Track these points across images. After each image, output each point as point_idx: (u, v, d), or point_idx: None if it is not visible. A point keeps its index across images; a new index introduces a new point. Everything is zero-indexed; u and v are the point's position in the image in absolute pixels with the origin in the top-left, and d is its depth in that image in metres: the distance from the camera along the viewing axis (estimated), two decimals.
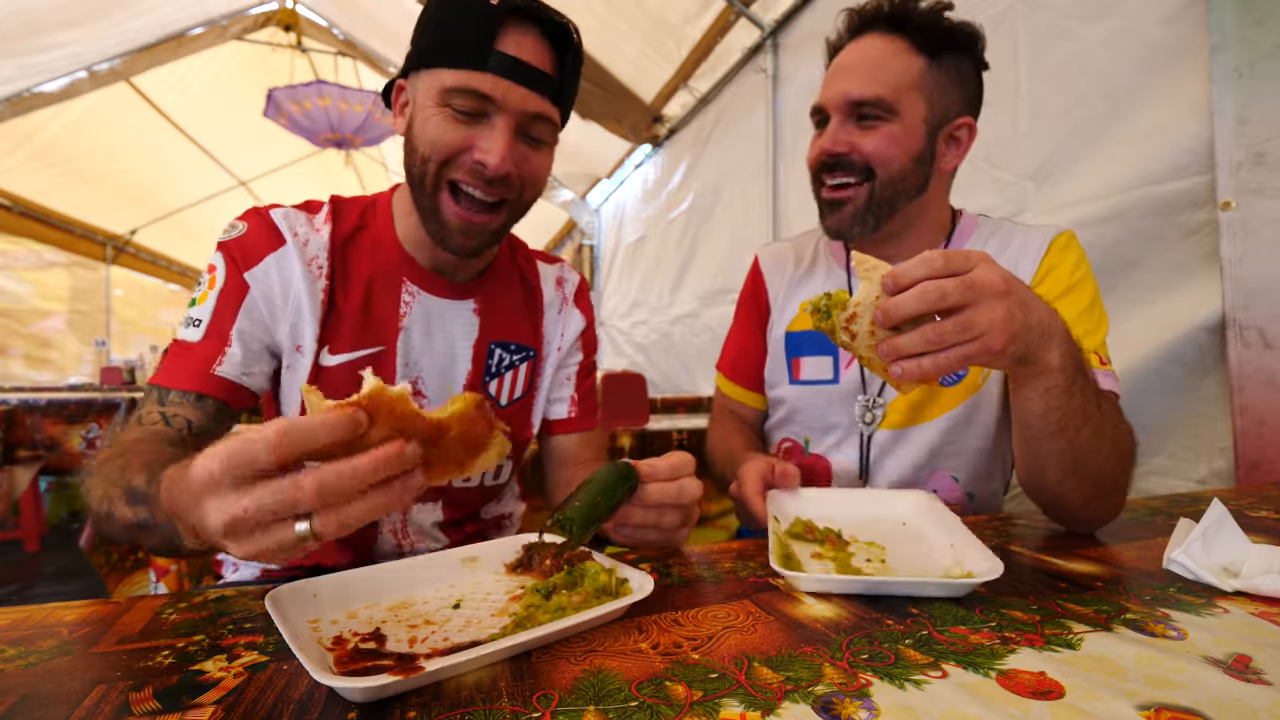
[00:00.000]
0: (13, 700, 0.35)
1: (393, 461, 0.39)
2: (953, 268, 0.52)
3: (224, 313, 0.74)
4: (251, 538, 0.39)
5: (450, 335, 0.85)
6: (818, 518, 0.65)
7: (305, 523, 0.38)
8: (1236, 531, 0.54)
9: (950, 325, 0.52)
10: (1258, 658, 0.39)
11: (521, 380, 0.90)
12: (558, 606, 0.46)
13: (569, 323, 0.95)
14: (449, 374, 0.85)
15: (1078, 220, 1.40)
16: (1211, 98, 1.14)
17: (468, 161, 0.71)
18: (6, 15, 3.43)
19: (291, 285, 0.76)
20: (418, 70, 0.73)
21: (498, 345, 0.88)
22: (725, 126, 3.27)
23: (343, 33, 4.62)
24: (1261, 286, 1.09)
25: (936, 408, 0.90)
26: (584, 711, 0.33)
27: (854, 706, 0.34)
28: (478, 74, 0.69)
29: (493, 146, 0.70)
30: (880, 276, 0.54)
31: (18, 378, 5.90)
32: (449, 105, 0.70)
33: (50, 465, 2.65)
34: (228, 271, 0.75)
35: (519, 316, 0.91)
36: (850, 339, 0.58)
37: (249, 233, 0.76)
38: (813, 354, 0.98)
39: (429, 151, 0.71)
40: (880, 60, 0.84)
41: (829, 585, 0.51)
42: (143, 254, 7.51)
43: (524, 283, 0.93)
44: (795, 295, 1.03)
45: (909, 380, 0.54)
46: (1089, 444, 0.62)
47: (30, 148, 4.96)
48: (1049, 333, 0.57)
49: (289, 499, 0.37)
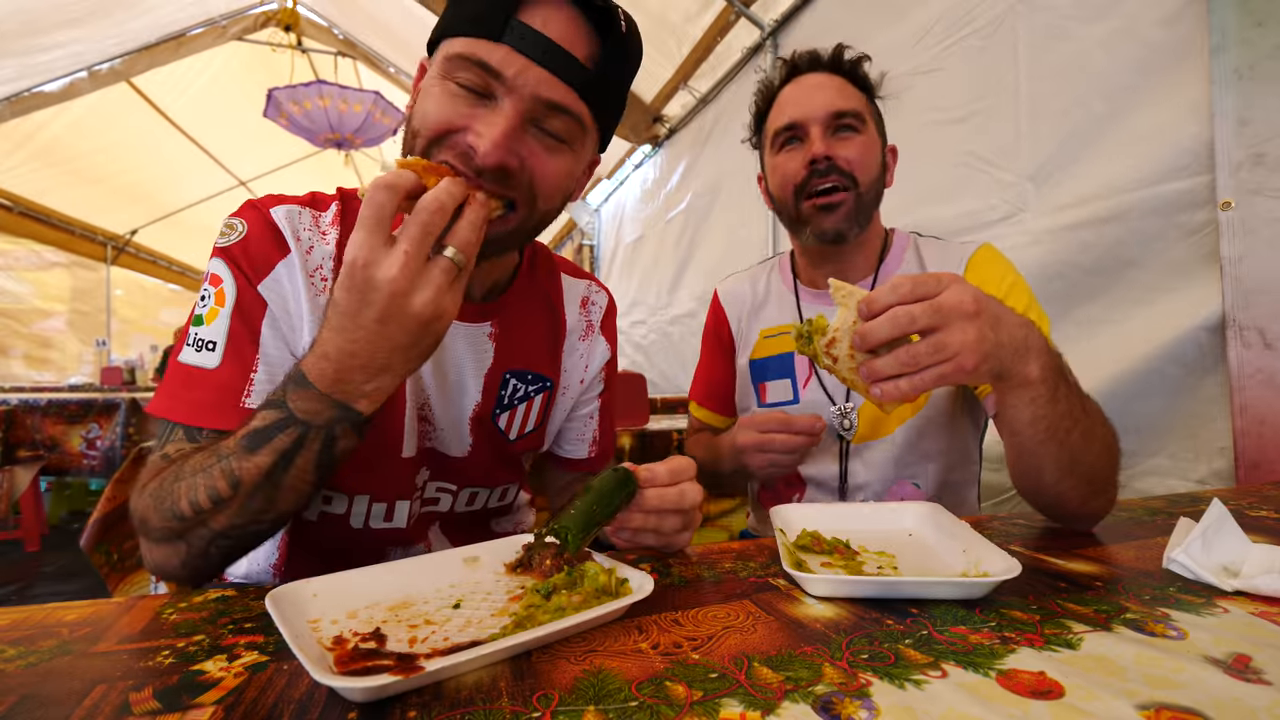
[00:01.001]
0: (13, 700, 0.35)
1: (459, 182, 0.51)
2: (920, 293, 0.55)
3: (241, 334, 0.63)
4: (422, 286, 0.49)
5: (460, 362, 0.75)
6: (823, 530, 0.65)
7: (449, 249, 0.50)
8: (1236, 531, 0.54)
9: (923, 348, 0.55)
10: (1258, 657, 0.39)
11: (535, 414, 0.82)
12: (558, 606, 0.46)
13: (593, 353, 0.86)
14: (460, 403, 0.76)
15: (1077, 220, 1.40)
16: (1212, 99, 1.14)
17: (460, 144, 0.58)
18: (6, 15, 3.43)
19: (299, 299, 0.66)
20: (438, 43, 0.62)
21: (513, 375, 0.78)
22: (725, 127, 3.27)
23: (343, 33, 4.62)
24: (1261, 286, 1.09)
25: (892, 421, 0.95)
26: (584, 711, 0.33)
27: (854, 706, 0.34)
28: (489, 44, 0.57)
29: (488, 130, 0.57)
30: (856, 303, 0.57)
31: (18, 378, 5.90)
32: (452, 78, 0.58)
33: (50, 465, 2.66)
34: (238, 285, 0.64)
35: (538, 343, 0.81)
36: (833, 363, 0.60)
37: (252, 236, 0.65)
38: (775, 378, 1.04)
39: (418, 126, 0.60)
40: (838, 87, 0.95)
41: (846, 588, 0.50)
42: (143, 254, 7.51)
43: (547, 303, 0.83)
44: (754, 325, 1.10)
45: (890, 401, 0.57)
46: (1080, 445, 0.63)
47: (31, 148, 4.97)
48: (1024, 346, 0.58)
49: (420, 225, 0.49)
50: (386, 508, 0.74)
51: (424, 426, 0.74)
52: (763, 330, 1.07)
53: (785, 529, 0.66)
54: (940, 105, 1.80)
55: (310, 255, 0.67)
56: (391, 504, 0.74)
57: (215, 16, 4.21)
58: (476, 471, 0.80)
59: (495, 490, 0.84)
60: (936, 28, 1.81)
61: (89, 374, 6.48)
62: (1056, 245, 1.43)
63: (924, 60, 1.85)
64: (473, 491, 0.82)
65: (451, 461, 0.77)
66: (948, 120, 1.77)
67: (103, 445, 2.68)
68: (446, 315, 0.51)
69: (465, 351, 0.75)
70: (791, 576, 0.52)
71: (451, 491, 0.80)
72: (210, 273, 0.64)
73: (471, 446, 0.77)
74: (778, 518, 0.68)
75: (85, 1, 3.51)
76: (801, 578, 0.51)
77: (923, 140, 1.81)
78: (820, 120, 0.93)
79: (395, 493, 0.74)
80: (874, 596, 0.49)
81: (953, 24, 1.76)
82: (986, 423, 1.01)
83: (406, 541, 0.78)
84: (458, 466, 0.78)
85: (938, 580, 0.51)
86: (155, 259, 7.81)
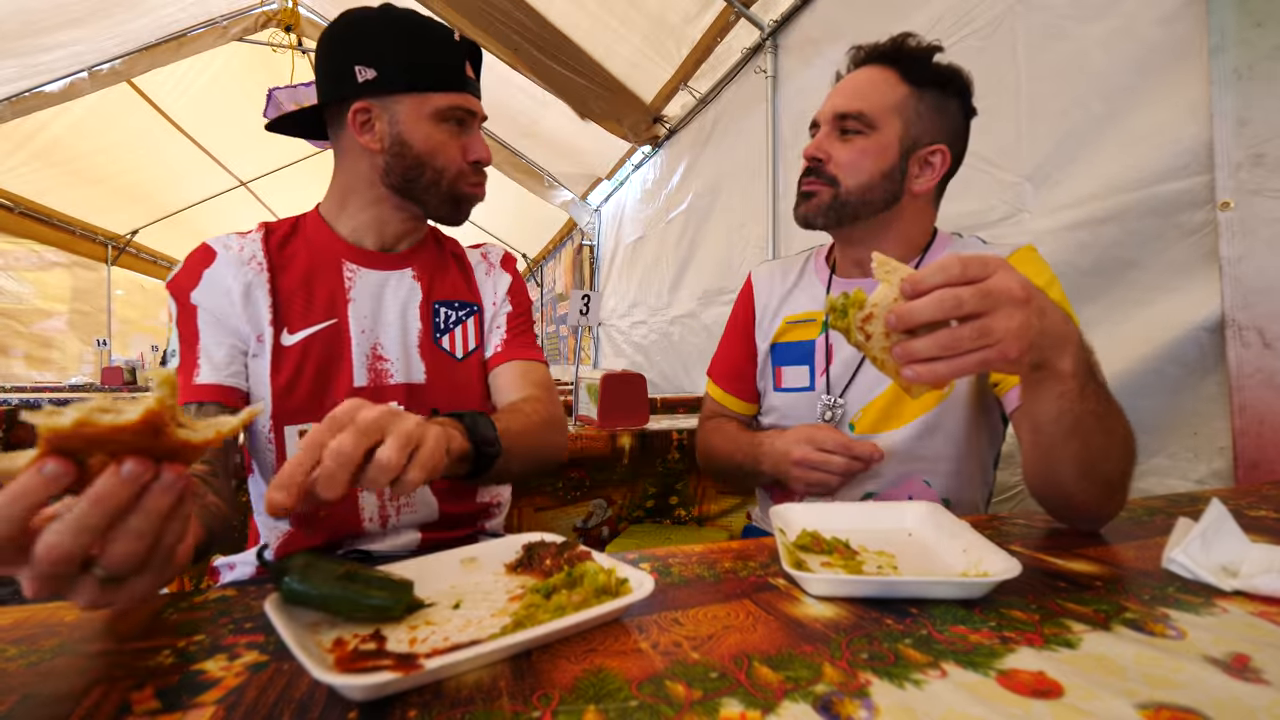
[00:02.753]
0: (14, 699, 0.35)
1: (113, 494, 0.36)
2: (969, 275, 0.52)
3: (186, 335, 0.84)
4: (70, 597, 0.39)
5: (399, 300, 0.94)
6: (823, 530, 0.65)
7: (97, 568, 0.38)
8: (1236, 531, 0.54)
9: (967, 331, 0.52)
10: (1257, 657, 0.39)
11: (472, 334, 1.00)
12: (558, 606, 0.46)
13: (499, 281, 1.05)
14: (406, 336, 0.94)
15: (1076, 221, 1.40)
16: (1211, 99, 1.14)
17: (468, 167, 0.92)
18: (6, 15, 3.43)
19: (234, 287, 0.85)
20: (390, 94, 0.86)
21: (442, 304, 0.98)
22: (725, 127, 3.27)
23: None
24: (1261, 286, 1.09)
25: (905, 415, 0.93)
26: (584, 711, 0.34)
27: (854, 706, 0.34)
28: (460, 95, 0.89)
29: (481, 146, 0.93)
30: (899, 280, 0.53)
31: (19, 378, 5.91)
32: (445, 121, 0.88)
33: None
34: (177, 302, 0.85)
35: (454, 279, 1.02)
36: (865, 339, 0.57)
37: (184, 266, 0.87)
38: (793, 364, 1.05)
39: (445, 162, 0.90)
40: (869, 84, 0.96)
41: (845, 588, 0.50)
42: (143, 254, 7.51)
43: (452, 255, 1.05)
44: (781, 309, 1.10)
45: (921, 384, 0.54)
46: (1102, 445, 0.62)
47: (31, 148, 4.97)
48: (1064, 339, 0.57)
49: (39, 575, 0.36)
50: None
51: (380, 364, 0.91)
52: (787, 316, 1.08)
53: (785, 529, 0.66)
54: None
55: (242, 252, 0.87)
56: None
57: (216, 17, 4.20)
58: (440, 395, 0.94)
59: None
60: (936, 28, 1.81)
61: (89, 374, 6.48)
62: (1055, 245, 1.43)
63: None
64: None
65: (417, 390, 0.93)
66: None
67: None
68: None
69: (399, 292, 0.94)
70: (791, 576, 0.52)
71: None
72: (166, 307, 0.89)
73: (427, 371, 0.94)
74: (778, 518, 0.68)
75: (85, 1, 3.51)
76: (801, 577, 0.51)
77: None
78: (828, 120, 0.97)
79: None
80: (874, 596, 0.49)
81: (952, 24, 1.77)
82: (1003, 436, 1.01)
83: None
84: (423, 395, 0.93)
85: (938, 580, 0.51)
86: (156, 259, 7.81)
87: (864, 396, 0.96)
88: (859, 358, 0.97)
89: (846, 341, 0.60)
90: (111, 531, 0.37)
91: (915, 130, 0.94)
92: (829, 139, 0.96)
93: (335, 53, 0.88)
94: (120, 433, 0.36)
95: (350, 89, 0.86)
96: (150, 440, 0.38)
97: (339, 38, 0.88)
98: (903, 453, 0.93)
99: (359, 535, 0.90)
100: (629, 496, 1.73)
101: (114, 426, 0.36)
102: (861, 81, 0.97)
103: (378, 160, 0.89)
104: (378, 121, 0.87)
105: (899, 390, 0.92)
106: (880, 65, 0.97)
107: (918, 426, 0.93)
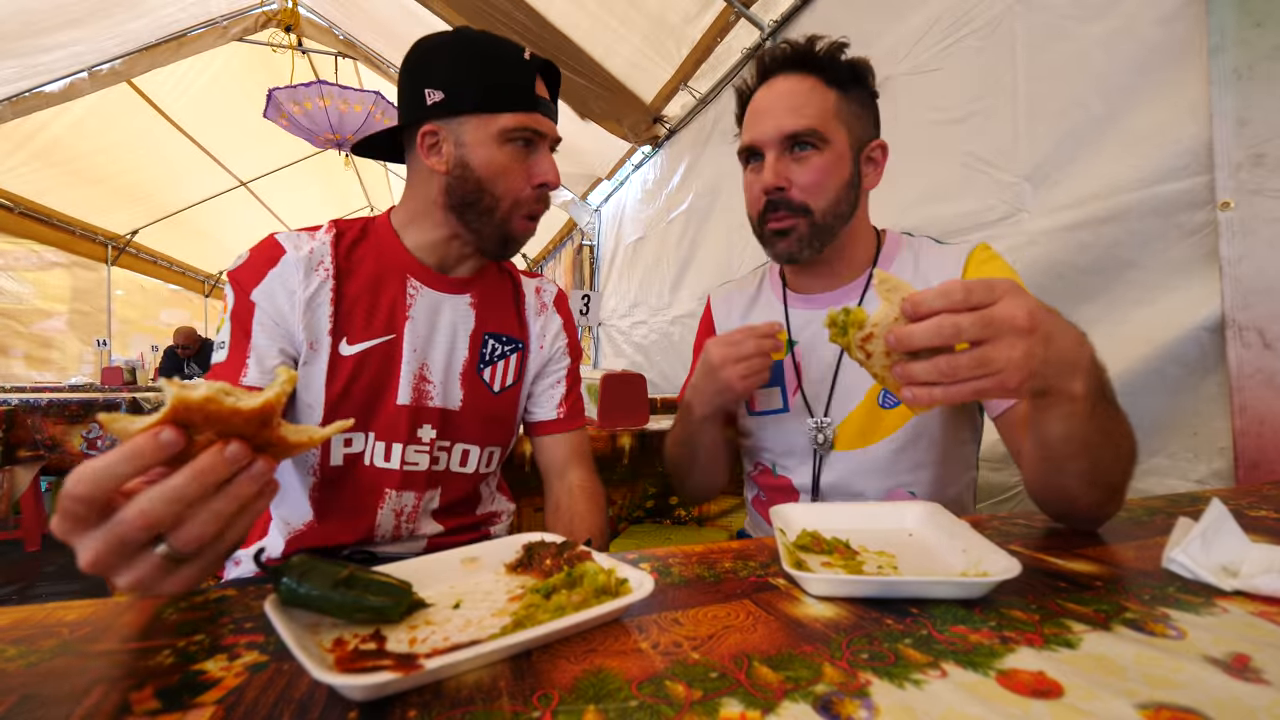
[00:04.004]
0: (13, 700, 0.35)
1: (214, 469, 0.39)
2: (973, 300, 0.51)
3: (238, 332, 0.83)
4: (123, 572, 0.40)
5: (452, 325, 0.95)
6: (823, 530, 0.65)
7: (163, 544, 0.40)
8: (1236, 531, 0.54)
9: (965, 360, 0.51)
10: (1257, 657, 0.39)
11: (512, 370, 1.01)
12: (558, 606, 0.46)
13: (549, 323, 1.06)
14: (451, 361, 0.95)
15: (1076, 221, 1.40)
16: (1211, 99, 1.14)
17: (533, 190, 0.90)
18: (6, 15, 3.43)
19: (298, 292, 0.84)
20: (456, 116, 0.86)
21: (491, 336, 0.98)
22: (725, 127, 3.27)
23: (343, 33, 4.62)
24: (1261, 286, 1.09)
25: (880, 431, 0.93)
26: (584, 710, 0.33)
27: (854, 706, 0.34)
28: (528, 115, 0.87)
29: (549, 169, 0.90)
30: (900, 299, 0.52)
31: (19, 378, 5.90)
32: (511, 142, 0.86)
33: (51, 465, 2.65)
34: (235, 296, 0.84)
35: (507, 311, 1.02)
36: (865, 357, 0.57)
37: (249, 258, 0.86)
38: (764, 386, 1.01)
39: (504, 189, 0.88)
40: (801, 96, 0.91)
41: (846, 588, 0.50)
42: (143, 254, 7.52)
43: (511, 281, 1.06)
44: None
45: (920, 405, 0.54)
46: (1109, 460, 0.62)
47: (31, 148, 4.97)
48: (1073, 364, 0.55)
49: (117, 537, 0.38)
50: (385, 447, 0.90)
51: (423, 385, 0.92)
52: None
53: (785, 529, 0.66)
54: (939, 105, 1.80)
55: (311, 255, 0.86)
56: (389, 445, 0.90)
57: (216, 17, 4.20)
58: (470, 425, 0.96)
59: (484, 453, 0.99)
60: (935, 28, 1.81)
61: (89, 374, 6.48)
62: (1055, 245, 1.43)
63: (923, 60, 1.85)
64: (465, 449, 0.97)
65: (450, 415, 0.94)
66: (946, 120, 1.77)
67: (104, 445, 2.68)
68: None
69: (454, 317, 0.95)
70: (791, 576, 0.52)
71: (446, 449, 0.95)
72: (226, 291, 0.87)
73: (463, 399, 0.95)
74: (778, 518, 0.68)
75: (85, 2, 3.51)
76: (801, 577, 0.51)
77: (921, 140, 1.81)
78: (774, 143, 0.91)
79: (391, 435, 0.90)
80: (874, 596, 0.49)
81: (951, 24, 1.76)
82: (983, 427, 1.01)
83: (402, 485, 0.91)
84: (456, 421, 0.94)
85: (938, 580, 0.51)
86: (156, 259, 7.81)
87: (839, 414, 0.95)
88: (831, 374, 0.96)
89: (848, 356, 0.59)
90: (193, 508, 0.39)
91: (858, 132, 0.93)
92: (783, 163, 0.91)
93: (408, 78, 0.88)
94: (236, 416, 0.40)
95: (421, 112, 0.86)
96: (256, 429, 0.41)
97: (412, 62, 0.89)
98: (886, 467, 0.92)
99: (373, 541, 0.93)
100: (629, 496, 1.73)
101: (234, 409, 0.39)
102: (791, 95, 0.91)
103: (442, 182, 0.89)
104: (444, 144, 0.87)
105: (872, 404, 0.93)
106: (799, 74, 0.92)
107: (898, 439, 0.91)
